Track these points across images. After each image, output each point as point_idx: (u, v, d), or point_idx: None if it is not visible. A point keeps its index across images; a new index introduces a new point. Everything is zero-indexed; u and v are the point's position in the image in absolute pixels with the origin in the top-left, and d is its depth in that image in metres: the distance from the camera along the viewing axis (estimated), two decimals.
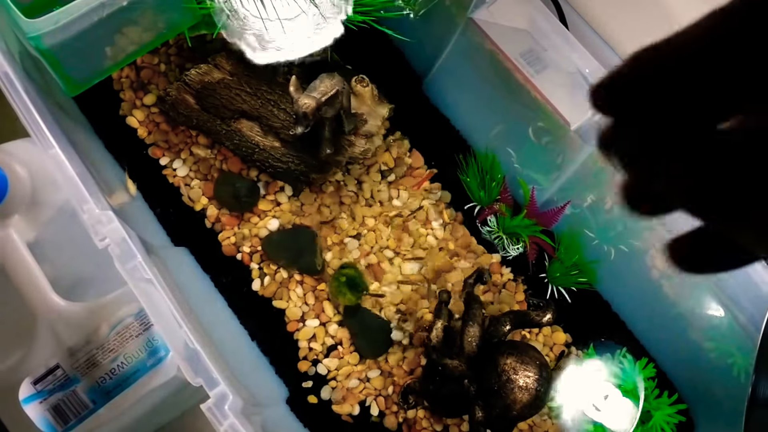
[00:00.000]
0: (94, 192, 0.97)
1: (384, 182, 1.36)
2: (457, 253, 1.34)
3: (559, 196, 1.31)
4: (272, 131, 1.25)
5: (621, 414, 1.21)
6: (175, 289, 1.05)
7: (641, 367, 1.19)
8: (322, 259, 1.29)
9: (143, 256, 0.94)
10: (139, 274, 0.91)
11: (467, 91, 1.35)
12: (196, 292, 1.22)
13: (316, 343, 1.26)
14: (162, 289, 0.92)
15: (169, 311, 0.92)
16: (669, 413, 1.17)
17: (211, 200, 1.30)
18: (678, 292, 1.26)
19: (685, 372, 1.28)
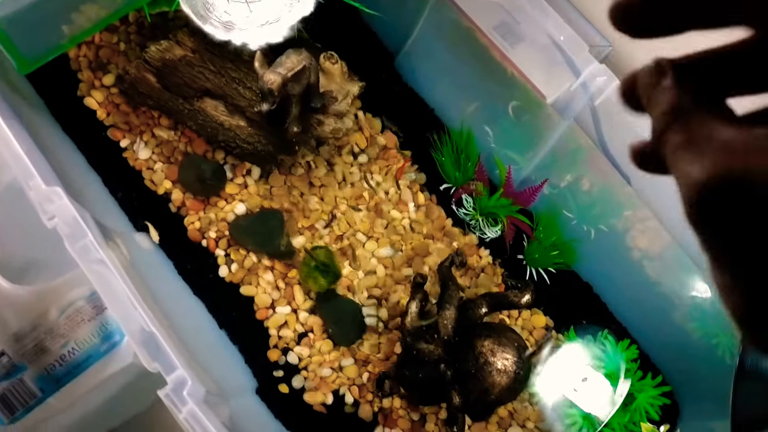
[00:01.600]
0: (43, 170, 0.91)
1: (356, 163, 1.31)
2: (433, 235, 1.29)
3: (536, 175, 1.27)
4: (238, 110, 1.19)
5: (602, 398, 1.17)
6: (134, 274, 1.00)
7: (623, 349, 1.16)
8: (292, 243, 1.24)
9: (96, 236, 0.89)
10: (90, 254, 0.86)
11: (441, 68, 1.30)
12: (158, 279, 1.17)
13: (286, 330, 1.21)
14: (116, 270, 0.87)
15: (124, 293, 0.87)
16: (653, 395, 1.13)
17: (175, 184, 1.25)
18: (660, 273, 1.23)
19: (668, 354, 1.24)
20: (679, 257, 1.17)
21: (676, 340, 1.22)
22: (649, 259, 1.24)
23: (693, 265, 1.15)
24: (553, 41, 1.10)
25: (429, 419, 1.20)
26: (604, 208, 1.24)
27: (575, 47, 1.04)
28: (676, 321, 1.23)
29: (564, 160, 1.23)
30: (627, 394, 1.12)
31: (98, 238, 0.89)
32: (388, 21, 1.27)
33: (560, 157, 1.23)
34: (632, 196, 1.17)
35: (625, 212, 1.22)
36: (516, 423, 1.21)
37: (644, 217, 1.20)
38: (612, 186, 1.20)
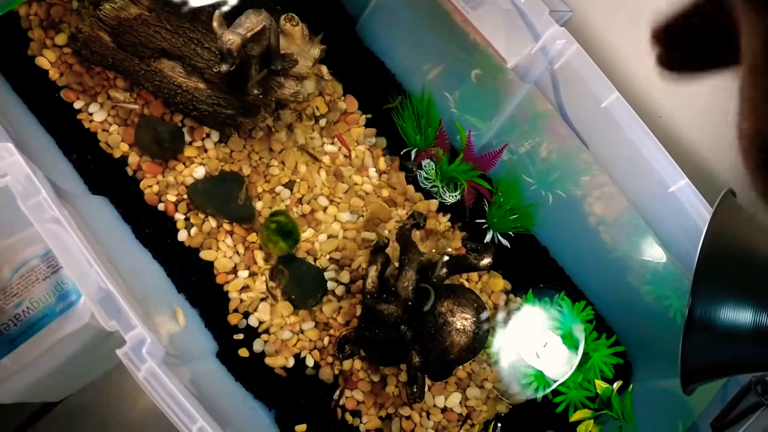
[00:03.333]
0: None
1: (317, 128, 1.30)
2: (394, 200, 1.29)
3: (496, 141, 1.28)
4: (196, 71, 1.17)
5: (559, 359, 1.19)
6: (90, 235, 0.98)
7: (579, 310, 1.18)
8: (252, 207, 1.23)
9: (50, 194, 0.87)
10: (44, 212, 0.84)
11: (403, 32, 1.30)
12: (116, 244, 1.15)
13: (246, 294, 1.21)
14: (71, 228, 0.85)
15: (80, 252, 0.85)
16: (607, 354, 1.16)
17: (132, 147, 1.22)
18: (615, 238, 1.25)
19: (622, 316, 1.27)
20: (635, 223, 1.20)
21: (631, 303, 1.25)
22: (605, 224, 1.26)
23: (648, 230, 1.18)
24: (514, 5, 1.10)
25: (389, 381, 1.21)
26: (563, 173, 1.26)
27: (535, 11, 1.05)
28: (630, 284, 1.26)
29: (524, 126, 1.24)
30: (582, 354, 1.15)
31: (52, 196, 0.87)
32: None
33: (520, 122, 1.24)
34: (591, 162, 1.19)
35: (583, 178, 1.24)
36: (474, 384, 1.23)
37: (601, 183, 1.22)
38: (570, 152, 1.22)
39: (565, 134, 1.20)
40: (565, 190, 1.27)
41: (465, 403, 1.23)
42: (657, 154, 1.01)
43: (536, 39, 1.10)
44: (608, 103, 1.01)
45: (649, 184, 1.05)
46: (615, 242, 1.26)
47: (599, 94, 1.02)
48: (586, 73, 1.02)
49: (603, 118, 1.04)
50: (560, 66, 1.06)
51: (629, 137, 1.01)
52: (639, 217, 1.18)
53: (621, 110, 1.01)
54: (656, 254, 1.21)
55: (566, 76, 1.08)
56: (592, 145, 1.18)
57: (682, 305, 1.20)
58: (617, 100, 1.00)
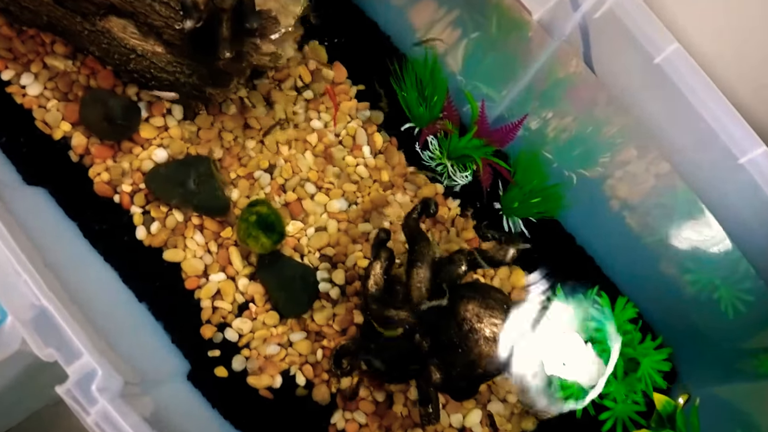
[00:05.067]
0: None
1: (300, 100, 1.10)
2: (394, 183, 1.10)
3: (511, 112, 1.10)
4: (153, 32, 0.96)
5: (596, 366, 1.02)
6: (22, 237, 0.77)
7: (620, 309, 1.00)
8: (225, 196, 1.02)
9: None
10: None
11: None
12: (57, 245, 0.93)
13: (222, 302, 1.00)
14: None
15: (6, 258, 0.64)
16: (657, 360, 0.99)
17: (76, 126, 1.01)
18: (654, 221, 1.08)
19: (663, 310, 1.10)
20: (683, 201, 1.02)
21: (671, 295, 1.08)
22: (642, 205, 1.09)
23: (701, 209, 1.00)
24: None
25: (396, 399, 1.01)
26: (589, 148, 1.08)
27: None
28: (668, 273, 1.09)
29: (544, 93, 1.06)
30: (630, 361, 0.97)
31: None
32: None
33: (540, 89, 1.05)
34: (626, 133, 1.01)
35: (614, 152, 1.06)
36: (496, 397, 1.05)
37: (638, 157, 1.05)
38: (599, 122, 1.04)
39: (594, 101, 1.02)
40: (592, 168, 1.09)
41: (486, 421, 1.04)
42: (726, 119, 0.83)
43: None
44: (664, 58, 0.82)
45: (712, 155, 0.87)
46: (654, 225, 1.08)
47: (652, 47, 0.84)
48: (638, 22, 0.83)
49: (654, 77, 0.85)
50: (601, 15, 0.87)
51: (690, 99, 0.83)
52: (690, 194, 1.00)
53: (681, 65, 0.83)
54: (709, 237, 1.03)
55: (605, 28, 0.89)
56: (633, 111, 1.00)
57: (733, 297, 1.03)
58: (676, 53, 0.82)
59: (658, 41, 0.83)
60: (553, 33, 0.95)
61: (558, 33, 0.95)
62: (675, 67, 0.83)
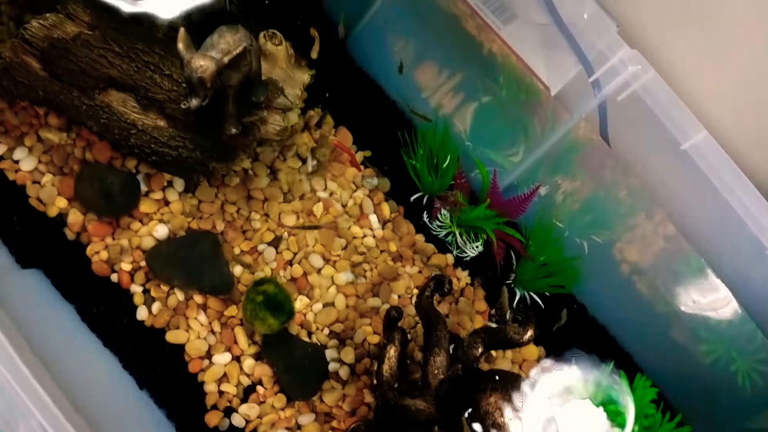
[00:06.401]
0: None
1: (304, 169, 1.06)
2: (402, 254, 1.06)
3: (522, 180, 1.07)
4: (154, 105, 0.92)
5: None
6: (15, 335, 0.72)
7: (640, 389, 0.97)
8: (229, 273, 0.98)
9: None
10: None
11: (407, 51, 1.07)
12: (52, 332, 0.88)
13: (228, 385, 0.96)
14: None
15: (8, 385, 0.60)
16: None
17: (72, 202, 0.96)
18: (666, 290, 1.06)
19: (681, 383, 1.08)
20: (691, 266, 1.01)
21: (686, 368, 1.06)
22: (653, 273, 1.07)
23: (715, 281, 0.99)
24: (561, 21, 0.89)
25: None
26: (599, 216, 1.06)
27: (596, 27, 0.83)
28: (679, 343, 1.07)
29: (556, 161, 1.04)
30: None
31: None
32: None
33: (552, 157, 1.03)
34: (640, 202, 0.99)
35: (626, 218, 1.04)
36: None
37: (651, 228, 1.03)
38: (611, 190, 1.02)
39: (607, 169, 1.00)
40: (603, 235, 1.07)
41: None
42: (756, 210, 0.81)
43: (583, 60, 0.89)
44: (692, 145, 0.80)
45: (737, 242, 0.85)
46: (665, 294, 1.06)
47: (680, 134, 0.82)
48: (665, 108, 0.81)
49: (680, 161, 0.84)
50: (625, 97, 0.85)
51: (718, 187, 0.81)
52: (698, 260, 0.99)
53: (709, 154, 0.81)
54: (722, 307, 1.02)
55: (628, 110, 0.87)
56: (647, 183, 0.98)
57: (750, 368, 1.01)
58: (705, 141, 0.80)
59: (687, 128, 0.81)
60: (571, 110, 0.93)
61: (576, 111, 0.92)
62: (703, 155, 0.81)
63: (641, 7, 0.85)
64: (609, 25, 0.83)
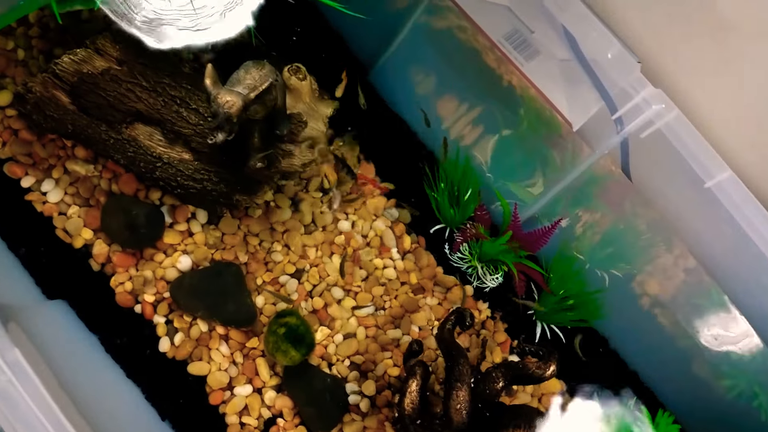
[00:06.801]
0: None
1: (326, 201, 1.06)
2: (423, 286, 1.07)
3: (543, 213, 1.07)
4: (180, 139, 0.93)
5: None
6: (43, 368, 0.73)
7: (664, 425, 0.97)
8: (252, 305, 0.99)
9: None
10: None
11: (428, 83, 1.08)
12: (77, 364, 0.89)
13: (249, 417, 0.96)
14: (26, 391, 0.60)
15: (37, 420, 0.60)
16: None
17: (98, 233, 0.97)
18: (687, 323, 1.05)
19: (704, 420, 1.07)
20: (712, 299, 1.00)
21: (707, 402, 1.05)
22: (671, 306, 1.06)
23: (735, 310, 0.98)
24: (579, 55, 0.90)
25: None
26: (620, 246, 1.06)
27: (619, 65, 0.84)
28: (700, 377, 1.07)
29: (577, 194, 1.04)
30: None
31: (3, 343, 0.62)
32: (362, 24, 1.03)
33: (573, 190, 1.03)
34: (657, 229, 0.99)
35: (646, 251, 1.04)
36: None
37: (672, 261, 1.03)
38: (630, 219, 1.02)
39: (626, 202, 1.00)
40: (624, 267, 1.07)
41: None
42: None
43: (606, 98, 0.90)
44: (716, 183, 0.81)
45: (763, 279, 0.85)
46: (686, 328, 1.05)
47: (704, 173, 0.82)
48: (689, 147, 0.82)
49: (703, 198, 0.84)
50: (648, 135, 0.85)
51: (743, 226, 0.81)
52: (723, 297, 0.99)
53: (734, 193, 0.81)
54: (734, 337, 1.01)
55: (651, 147, 0.87)
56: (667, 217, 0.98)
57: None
58: (729, 180, 0.80)
59: (711, 167, 0.82)
60: (593, 145, 0.94)
61: (598, 146, 0.93)
62: (727, 193, 0.81)
63: (665, 46, 0.85)
64: (632, 64, 0.84)
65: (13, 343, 0.67)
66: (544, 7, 0.90)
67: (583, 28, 0.87)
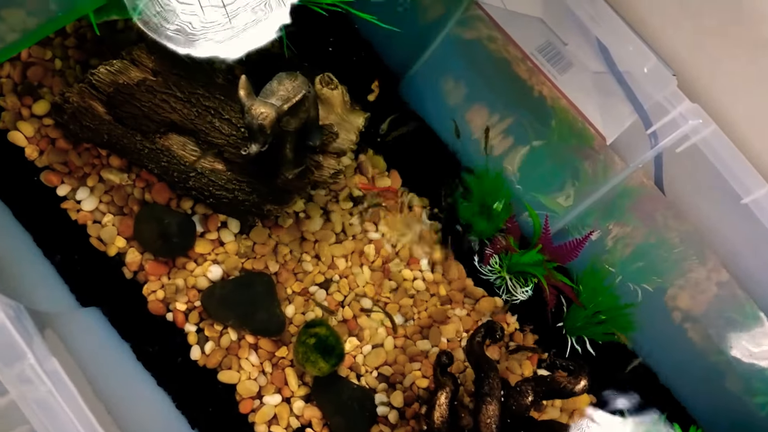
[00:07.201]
0: None
1: (356, 211, 1.07)
2: (452, 298, 1.06)
3: (574, 226, 1.07)
4: (213, 149, 0.94)
5: None
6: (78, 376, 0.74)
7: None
8: (282, 314, 0.99)
9: (38, 349, 0.62)
10: (30, 382, 0.59)
11: (458, 93, 1.08)
12: (110, 371, 0.90)
13: (278, 427, 0.96)
14: (64, 401, 0.61)
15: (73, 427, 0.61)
16: None
17: (131, 241, 0.98)
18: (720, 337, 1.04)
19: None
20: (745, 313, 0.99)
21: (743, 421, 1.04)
22: (703, 320, 1.05)
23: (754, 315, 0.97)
24: (612, 68, 0.89)
25: None
26: (652, 259, 1.05)
27: (656, 79, 0.83)
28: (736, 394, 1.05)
29: (609, 206, 1.03)
30: None
31: (38, 348, 0.62)
32: (394, 36, 1.04)
33: (604, 203, 1.03)
34: (689, 242, 0.98)
35: (678, 264, 1.03)
36: None
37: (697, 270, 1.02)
38: (662, 232, 1.01)
39: (658, 215, 0.99)
40: (656, 281, 1.06)
41: None
42: None
43: (641, 111, 0.89)
44: (753, 200, 0.80)
45: None
46: (718, 343, 1.04)
47: (741, 188, 0.81)
48: (726, 162, 0.81)
49: (740, 214, 0.83)
50: (684, 150, 0.84)
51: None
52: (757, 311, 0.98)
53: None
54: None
55: (686, 162, 0.87)
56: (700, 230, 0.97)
57: None
58: (767, 197, 0.79)
59: (748, 183, 0.81)
60: (626, 158, 0.93)
61: (632, 160, 0.92)
62: (764, 209, 0.80)
63: (702, 60, 0.84)
64: (669, 78, 0.83)
65: (51, 351, 0.68)
66: (577, 19, 0.89)
67: (618, 40, 0.86)
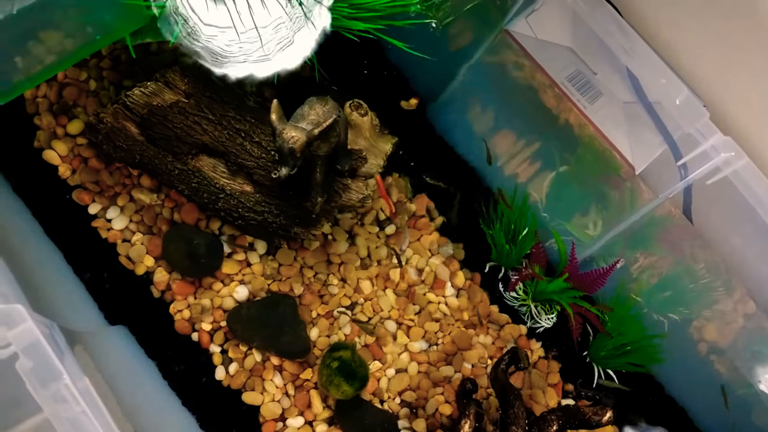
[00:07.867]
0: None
1: (382, 235, 1.07)
2: (475, 324, 1.06)
3: (599, 254, 1.06)
4: (242, 171, 0.95)
5: None
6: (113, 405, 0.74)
7: None
8: (306, 337, 0.99)
9: (70, 367, 0.63)
10: (64, 402, 0.59)
11: (485, 120, 1.08)
12: (136, 389, 0.91)
13: None
14: (98, 421, 0.61)
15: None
16: None
17: (159, 261, 0.99)
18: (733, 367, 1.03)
19: None
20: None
21: None
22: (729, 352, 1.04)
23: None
24: (642, 99, 0.89)
25: None
26: (678, 290, 1.04)
27: (687, 112, 0.83)
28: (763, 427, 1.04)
29: (636, 236, 1.03)
30: None
31: (71, 368, 0.63)
32: (423, 62, 1.05)
33: (631, 232, 1.02)
34: (716, 272, 0.98)
35: (704, 295, 1.02)
36: None
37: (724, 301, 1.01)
38: (689, 262, 1.00)
39: (685, 244, 0.99)
40: (681, 313, 1.05)
41: None
42: None
43: (671, 143, 0.89)
44: None
45: None
46: (746, 375, 1.03)
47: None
48: (757, 195, 0.80)
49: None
50: (714, 182, 0.84)
51: None
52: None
53: None
54: None
55: (716, 194, 0.86)
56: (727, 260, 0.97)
57: None
58: None
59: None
60: (654, 188, 0.93)
61: (661, 190, 0.92)
62: None
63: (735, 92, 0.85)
64: (700, 109, 0.83)
65: (82, 370, 0.68)
66: (607, 49, 0.90)
67: (649, 71, 0.86)
